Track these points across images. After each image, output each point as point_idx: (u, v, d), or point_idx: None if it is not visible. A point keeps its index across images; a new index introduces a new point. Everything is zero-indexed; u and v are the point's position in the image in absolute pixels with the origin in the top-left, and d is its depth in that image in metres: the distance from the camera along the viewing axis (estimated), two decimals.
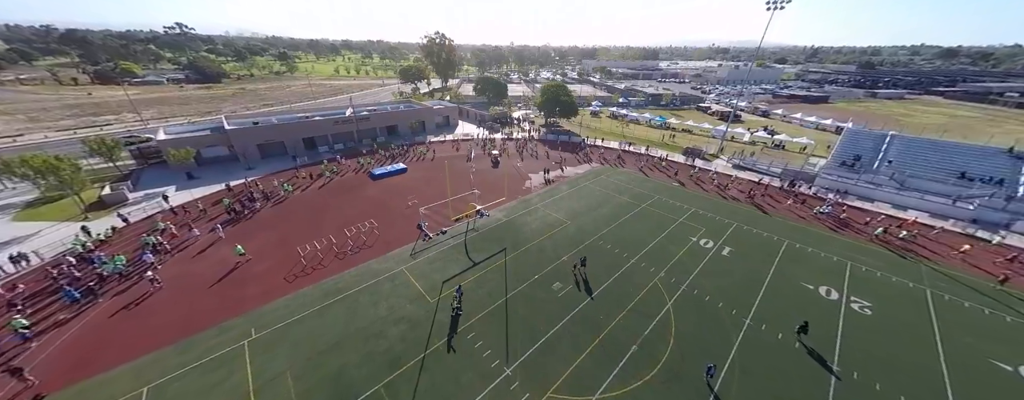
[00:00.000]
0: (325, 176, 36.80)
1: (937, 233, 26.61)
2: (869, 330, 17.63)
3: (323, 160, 40.37)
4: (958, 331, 17.66)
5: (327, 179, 36.25)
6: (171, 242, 24.41)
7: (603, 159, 44.31)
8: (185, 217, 28.10)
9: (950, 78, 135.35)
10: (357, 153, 42.92)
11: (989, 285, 20.78)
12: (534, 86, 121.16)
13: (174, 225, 26.26)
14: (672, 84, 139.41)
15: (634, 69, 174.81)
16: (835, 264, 23.01)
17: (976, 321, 18.30)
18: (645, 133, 57.22)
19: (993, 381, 15.00)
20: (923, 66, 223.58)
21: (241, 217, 28.23)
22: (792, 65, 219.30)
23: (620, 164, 42.57)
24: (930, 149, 34.45)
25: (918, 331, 17.71)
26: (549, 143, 51.33)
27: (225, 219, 27.61)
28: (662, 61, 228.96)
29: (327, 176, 36.74)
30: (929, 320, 18.41)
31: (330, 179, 36.23)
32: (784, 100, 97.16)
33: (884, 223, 27.50)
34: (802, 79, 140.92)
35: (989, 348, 16.59)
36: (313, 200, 31.30)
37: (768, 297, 19.83)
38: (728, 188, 35.05)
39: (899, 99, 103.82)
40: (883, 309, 19.06)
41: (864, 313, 18.79)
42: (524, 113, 73.83)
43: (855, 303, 19.43)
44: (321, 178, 36.43)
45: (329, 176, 36.79)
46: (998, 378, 15.12)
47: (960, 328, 17.84)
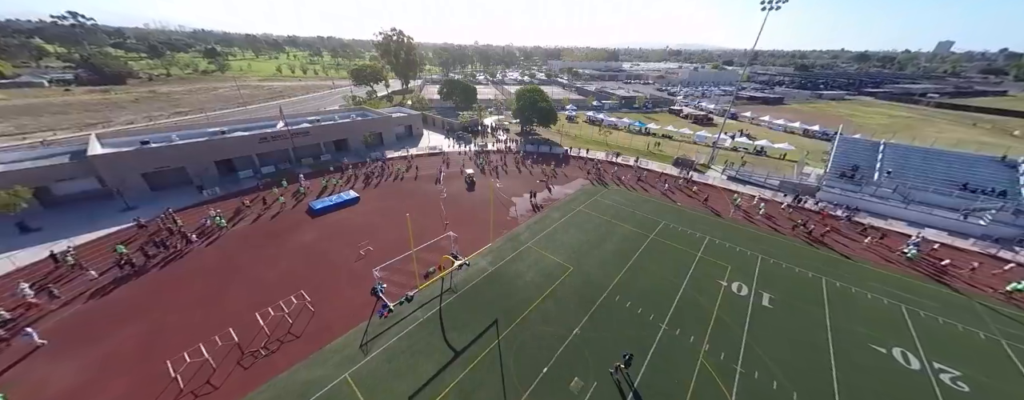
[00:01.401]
0: (246, 211, 27.72)
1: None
2: None
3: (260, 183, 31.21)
4: None
5: (254, 213, 27.21)
6: None
7: (593, 174, 39.09)
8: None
9: (874, 80, 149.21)
10: (293, 177, 33.83)
11: None
12: (503, 88, 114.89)
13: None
14: (637, 85, 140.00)
15: (600, 70, 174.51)
16: (887, 309, 19.24)
17: None
18: (628, 141, 53.17)
19: None
20: (847, 68, 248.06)
21: (128, 277, 19.08)
22: (739, 67, 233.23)
23: (618, 181, 37.55)
24: (923, 158, 33.11)
25: None
26: (529, 156, 45.23)
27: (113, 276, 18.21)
28: (624, 62, 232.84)
29: (253, 209, 27.68)
30: None
31: (257, 215, 27.23)
32: (745, 101, 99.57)
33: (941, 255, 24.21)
34: (753, 81, 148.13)
35: None
36: (216, 258, 22.09)
37: (845, 371, 15.25)
38: (751, 213, 31.11)
39: (840, 99, 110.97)
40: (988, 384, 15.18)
41: (959, 388, 14.76)
42: (496, 119, 67.22)
43: (944, 373, 15.41)
44: (259, 208, 27.27)
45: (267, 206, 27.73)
46: None
47: None
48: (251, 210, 28.18)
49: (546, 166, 40.60)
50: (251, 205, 28.69)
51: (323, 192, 32.06)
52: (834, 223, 28.29)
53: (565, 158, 44.33)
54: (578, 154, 45.84)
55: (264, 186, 32.62)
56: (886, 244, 25.70)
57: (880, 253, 24.52)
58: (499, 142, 49.86)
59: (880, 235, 26.88)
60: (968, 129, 70.71)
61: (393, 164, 40.25)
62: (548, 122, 51.03)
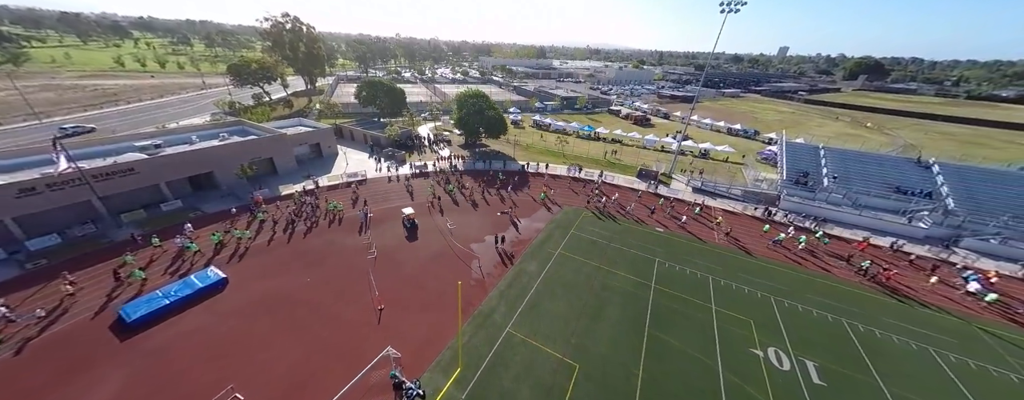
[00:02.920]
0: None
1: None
2: None
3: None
4: None
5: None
6: None
7: (567, 192, 33.06)
8: None
9: (755, 80, 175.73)
10: (101, 251, 20.52)
11: None
12: (435, 87, 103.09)
13: None
14: (570, 84, 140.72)
15: (532, 68, 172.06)
16: (923, 358, 16.98)
17: None
18: (585, 149, 48.80)
19: None
20: (730, 69, 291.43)
21: None
22: (652, 66, 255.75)
23: (596, 208, 31.98)
24: (858, 161, 34.85)
25: None
26: (481, 176, 37.26)
27: None
28: (554, 60, 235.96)
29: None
30: None
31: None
32: (667, 100, 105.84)
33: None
34: (667, 80, 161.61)
35: None
36: None
37: None
38: (731, 233, 28.08)
39: (736, 96, 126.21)
40: None
41: None
42: (434, 127, 57.13)
43: None
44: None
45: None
46: None
47: None
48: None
49: (506, 191, 33.34)
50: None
51: (153, 278, 19.75)
52: (811, 239, 27.03)
53: (524, 177, 37.48)
54: (537, 170, 39.47)
55: (37, 273, 18.85)
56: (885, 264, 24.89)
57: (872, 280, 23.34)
58: (442, 160, 40.63)
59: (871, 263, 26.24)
60: (834, 122, 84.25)
61: (284, 207, 28.48)
62: (498, 133, 43.53)
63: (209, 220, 25.86)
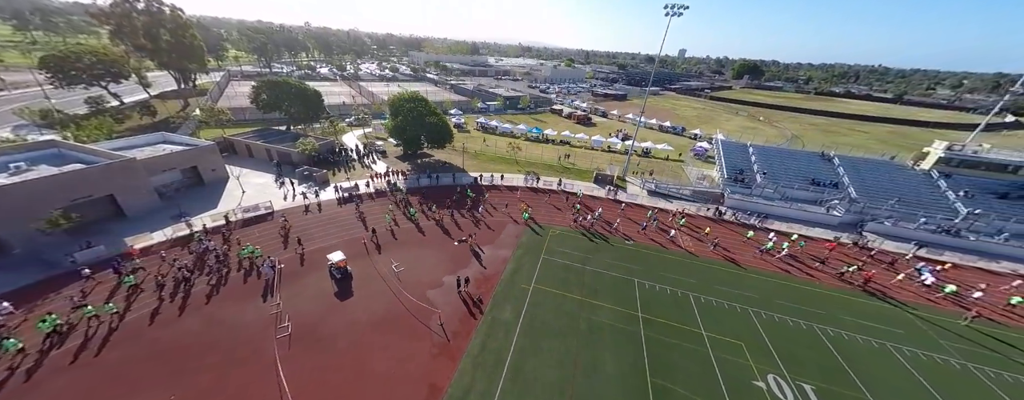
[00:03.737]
0: None
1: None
2: None
3: None
4: None
5: None
6: None
7: (548, 209, 29.57)
8: None
9: (669, 79, 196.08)
10: None
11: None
12: (359, 85, 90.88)
13: None
14: (508, 82, 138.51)
15: (468, 65, 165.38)
16: (904, 363, 17.75)
17: None
18: (538, 153, 46.12)
19: None
20: (646, 68, 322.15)
21: None
22: (583, 65, 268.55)
23: (586, 221, 28.97)
24: (779, 157, 38.44)
25: None
26: (427, 195, 31.74)
27: None
28: (488, 57, 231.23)
29: None
30: None
31: None
32: (602, 98, 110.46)
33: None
34: (597, 78, 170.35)
35: None
36: None
37: None
38: (696, 236, 27.62)
39: (657, 95, 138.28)
40: None
41: None
42: (363, 135, 48.73)
43: None
44: None
45: None
46: None
47: None
48: None
49: (458, 212, 28.61)
50: None
51: None
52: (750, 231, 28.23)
53: (478, 191, 33.01)
54: (492, 182, 35.37)
55: None
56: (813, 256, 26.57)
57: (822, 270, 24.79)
58: (377, 177, 33.79)
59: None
60: (735, 116, 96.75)
61: (176, 258, 19.85)
62: (444, 141, 38.06)
63: (41, 290, 16.33)
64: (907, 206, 31.08)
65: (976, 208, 30.10)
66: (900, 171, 35.10)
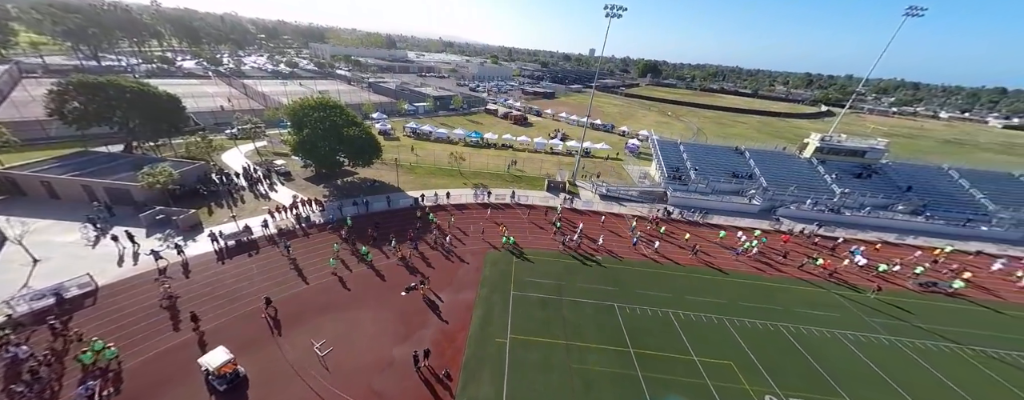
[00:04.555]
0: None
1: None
2: None
3: None
4: None
5: None
6: None
7: (529, 229, 25.39)
8: None
9: (588, 77, 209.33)
10: None
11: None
12: (242, 83, 73.12)
13: None
14: (433, 79, 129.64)
15: (387, 60, 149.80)
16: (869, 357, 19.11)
17: None
18: (482, 161, 41.94)
19: None
20: (565, 66, 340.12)
21: None
22: (506, 62, 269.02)
23: (573, 243, 25.39)
24: (703, 153, 41.70)
25: None
26: (354, 229, 25.13)
27: None
28: (408, 52, 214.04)
29: None
30: None
31: None
32: (532, 96, 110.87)
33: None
34: (525, 76, 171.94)
35: None
36: None
37: None
38: (653, 241, 27.01)
39: (581, 92, 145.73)
40: None
41: None
42: (256, 152, 37.77)
43: None
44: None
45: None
46: None
47: None
48: None
49: (404, 249, 23.04)
50: None
51: None
52: (692, 229, 29.49)
53: (421, 217, 27.54)
54: (437, 202, 30.19)
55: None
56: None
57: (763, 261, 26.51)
58: (281, 210, 25.45)
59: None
60: (649, 112, 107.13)
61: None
62: (370, 157, 31.06)
63: None
64: (802, 190, 36.36)
65: (845, 188, 36.75)
66: (792, 160, 41.23)
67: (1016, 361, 18.25)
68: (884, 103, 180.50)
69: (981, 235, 32.64)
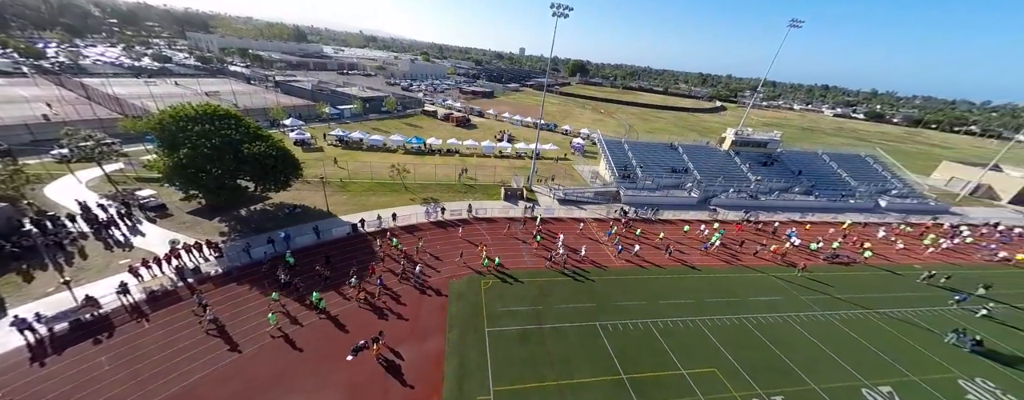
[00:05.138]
0: None
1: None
2: None
3: None
4: None
5: None
6: None
7: (508, 246, 21.84)
8: None
9: (522, 75, 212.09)
10: None
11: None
12: (80, 85, 55.37)
13: None
14: (358, 78, 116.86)
15: (298, 56, 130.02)
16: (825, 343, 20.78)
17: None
18: (429, 171, 37.60)
19: None
20: (500, 65, 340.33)
21: None
22: (437, 59, 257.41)
23: (561, 258, 22.41)
24: (644, 150, 43.83)
25: None
26: (268, 274, 19.46)
27: None
28: (323, 46, 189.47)
29: None
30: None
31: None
32: (470, 96, 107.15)
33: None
34: (460, 75, 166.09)
35: None
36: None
37: None
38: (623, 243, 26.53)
39: (518, 91, 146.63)
40: None
41: None
42: (106, 179, 27.52)
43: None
44: None
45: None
46: None
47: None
48: None
49: (368, 286, 18.45)
50: None
51: None
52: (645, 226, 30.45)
53: (361, 244, 22.69)
54: (381, 226, 25.51)
55: None
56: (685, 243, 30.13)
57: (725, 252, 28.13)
58: (147, 268, 18.20)
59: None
60: (585, 110, 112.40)
61: None
62: (286, 178, 24.70)
63: None
64: (728, 180, 40.58)
65: (757, 175, 42.15)
66: (714, 153, 45.93)
67: (908, 317, 22.02)
68: (756, 98, 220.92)
69: (851, 207, 40.35)
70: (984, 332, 20.44)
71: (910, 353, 18.88)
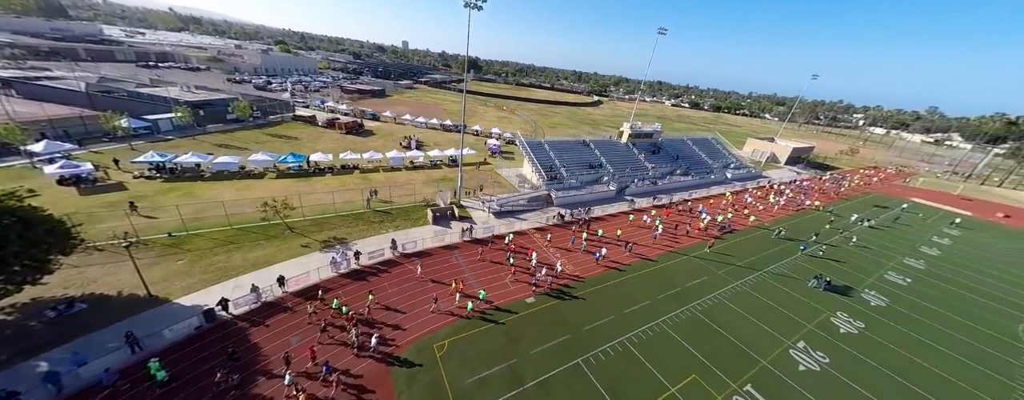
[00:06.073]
0: None
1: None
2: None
3: None
4: None
5: None
6: None
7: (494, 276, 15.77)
8: None
9: (414, 71, 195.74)
10: None
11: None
12: None
13: None
14: (178, 73, 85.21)
15: (48, 36, 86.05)
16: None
17: None
18: (318, 200, 28.30)
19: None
20: (384, 59, 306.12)
21: None
22: (301, 50, 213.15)
23: (545, 281, 17.24)
24: (561, 149, 44.27)
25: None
26: (164, 386, 10.07)
27: None
28: (102, 26, 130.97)
29: None
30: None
31: None
32: (356, 95, 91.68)
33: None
34: (338, 70, 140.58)
35: None
36: None
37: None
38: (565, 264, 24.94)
39: (412, 88, 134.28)
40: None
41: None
42: None
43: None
44: None
45: None
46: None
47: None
48: None
49: (310, 390, 10.96)
50: None
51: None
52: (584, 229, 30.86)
53: (224, 338, 14.50)
54: (261, 298, 17.14)
55: None
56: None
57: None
58: None
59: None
60: (488, 108, 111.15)
61: None
62: (44, 256, 13.52)
63: None
64: (634, 170, 44.92)
65: (651, 163, 48.22)
66: (617, 146, 50.39)
67: (782, 271, 27.64)
68: (620, 91, 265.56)
69: (713, 182, 50.46)
70: (827, 271, 27.30)
71: (797, 305, 23.38)
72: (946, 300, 25.59)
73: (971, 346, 20.75)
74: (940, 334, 21.62)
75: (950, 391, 17.41)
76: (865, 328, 21.52)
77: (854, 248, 32.88)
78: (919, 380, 17.86)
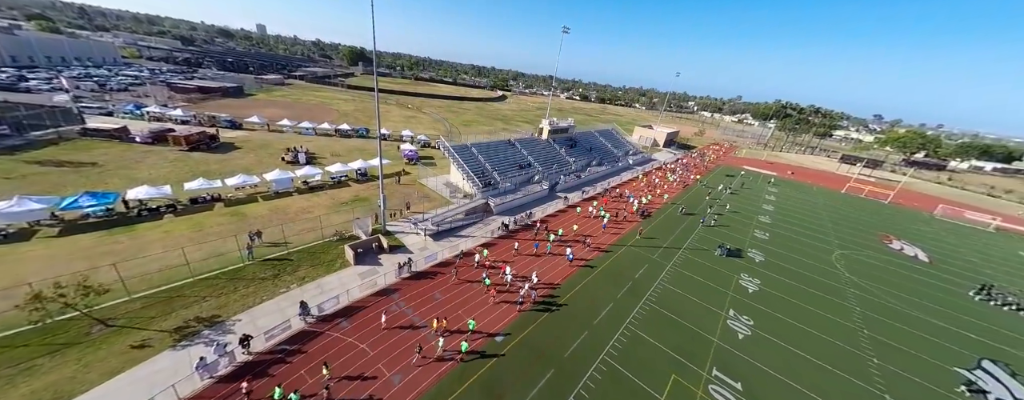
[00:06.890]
0: None
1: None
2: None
3: None
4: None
5: None
6: None
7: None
8: None
9: (281, 63, 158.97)
10: None
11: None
12: None
13: None
14: None
15: None
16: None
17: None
18: (173, 256, 18.41)
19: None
20: (227, 44, 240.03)
21: None
22: (82, 31, 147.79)
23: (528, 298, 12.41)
24: (489, 151, 41.44)
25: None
26: None
27: None
28: None
29: None
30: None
31: None
32: (197, 94, 68.35)
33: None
34: (159, 60, 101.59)
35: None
36: None
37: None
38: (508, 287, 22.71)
39: (284, 85, 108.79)
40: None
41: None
42: None
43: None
44: None
45: None
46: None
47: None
48: None
49: None
50: None
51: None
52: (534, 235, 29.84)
53: None
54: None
55: None
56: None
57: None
58: None
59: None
60: (392, 107, 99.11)
61: None
62: None
63: None
64: (559, 167, 45.89)
65: (571, 157, 50.38)
66: (538, 143, 50.68)
67: (694, 245, 31.89)
68: (520, 85, 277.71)
69: (621, 168, 56.30)
70: (721, 238, 32.79)
71: (715, 276, 27.07)
72: (790, 244, 33.93)
73: (821, 283, 27.67)
74: (800, 276, 28.19)
75: (819, 321, 22.53)
76: (762, 284, 26.34)
77: (729, 214, 40.87)
78: (807, 321, 22.57)
